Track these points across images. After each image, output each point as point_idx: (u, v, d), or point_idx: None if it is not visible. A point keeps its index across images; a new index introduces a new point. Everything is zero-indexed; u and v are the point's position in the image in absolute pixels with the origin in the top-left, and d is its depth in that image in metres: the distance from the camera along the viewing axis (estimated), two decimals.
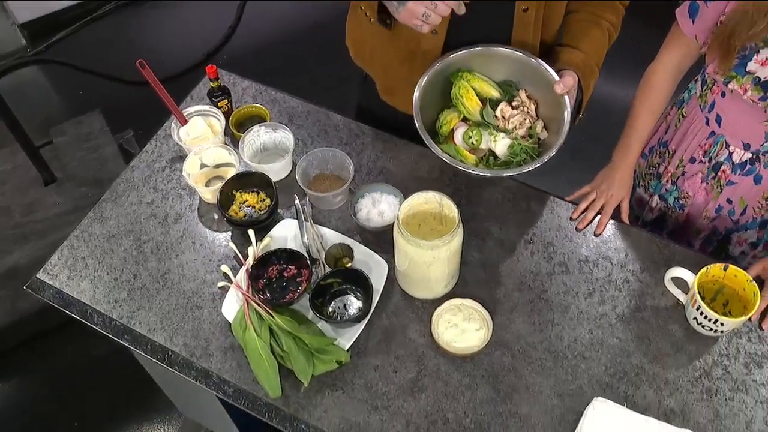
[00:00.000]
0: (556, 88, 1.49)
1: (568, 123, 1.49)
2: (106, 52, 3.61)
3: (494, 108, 1.57)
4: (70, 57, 3.57)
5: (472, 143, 1.56)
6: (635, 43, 2.34)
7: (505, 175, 1.49)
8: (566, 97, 1.50)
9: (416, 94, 1.53)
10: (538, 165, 1.47)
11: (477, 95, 1.58)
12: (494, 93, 1.59)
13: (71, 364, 2.68)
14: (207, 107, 1.76)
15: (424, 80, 1.54)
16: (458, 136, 1.58)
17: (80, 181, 2.86)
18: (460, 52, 1.55)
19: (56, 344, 2.71)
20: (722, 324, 1.42)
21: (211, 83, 1.77)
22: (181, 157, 1.77)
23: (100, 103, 3.22)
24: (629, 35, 1.71)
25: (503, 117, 1.56)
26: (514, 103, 1.58)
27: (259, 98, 1.88)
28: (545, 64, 1.52)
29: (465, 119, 1.59)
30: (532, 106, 1.59)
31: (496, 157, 1.57)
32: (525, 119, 1.55)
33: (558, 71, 1.52)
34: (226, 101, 1.79)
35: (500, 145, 1.56)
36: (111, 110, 3.18)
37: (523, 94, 1.58)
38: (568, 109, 1.50)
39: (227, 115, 1.78)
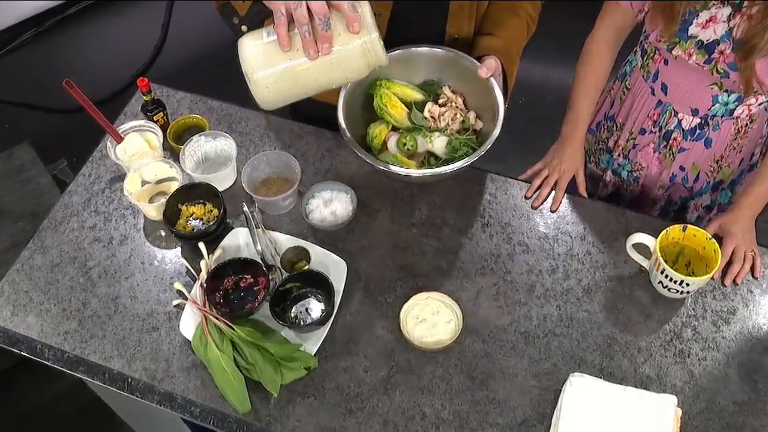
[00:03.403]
0: (480, 73, 1.46)
1: (502, 105, 1.46)
2: (29, 82, 3.48)
3: (421, 110, 1.53)
4: None
5: (408, 149, 1.52)
6: (562, 23, 2.35)
7: (448, 171, 1.42)
8: (492, 80, 1.47)
9: (340, 103, 1.48)
10: (482, 152, 1.43)
11: (401, 101, 1.54)
12: (417, 95, 1.56)
13: (17, 414, 2.54)
14: (142, 122, 1.69)
15: (342, 95, 1.49)
16: (392, 146, 1.53)
17: (16, 216, 2.73)
18: None
19: None
20: (687, 284, 1.42)
21: (144, 97, 1.70)
22: (120, 176, 1.70)
23: (27, 134, 3.08)
24: (554, 15, 1.71)
25: (432, 117, 1.53)
26: (440, 101, 1.55)
27: (195, 109, 1.82)
28: (463, 55, 1.50)
29: (395, 128, 1.55)
30: (459, 100, 1.56)
31: (437, 157, 1.53)
32: (456, 114, 1.53)
33: (478, 58, 1.49)
34: (161, 114, 1.73)
35: (437, 143, 1.52)
36: (40, 141, 3.05)
37: (447, 90, 1.56)
38: (498, 91, 1.47)
39: (164, 128, 1.72)
